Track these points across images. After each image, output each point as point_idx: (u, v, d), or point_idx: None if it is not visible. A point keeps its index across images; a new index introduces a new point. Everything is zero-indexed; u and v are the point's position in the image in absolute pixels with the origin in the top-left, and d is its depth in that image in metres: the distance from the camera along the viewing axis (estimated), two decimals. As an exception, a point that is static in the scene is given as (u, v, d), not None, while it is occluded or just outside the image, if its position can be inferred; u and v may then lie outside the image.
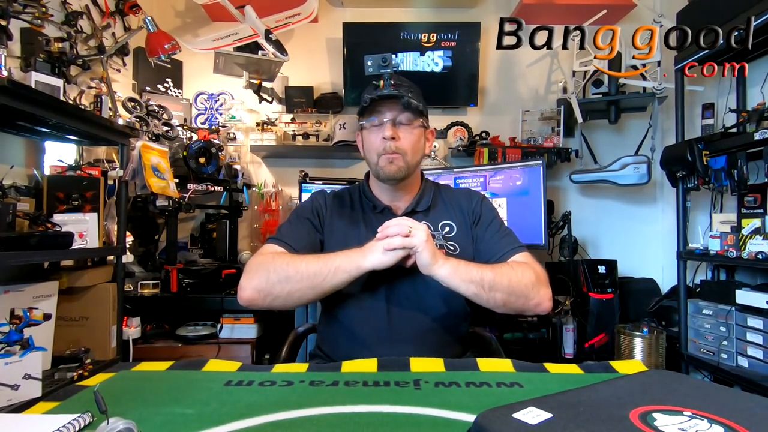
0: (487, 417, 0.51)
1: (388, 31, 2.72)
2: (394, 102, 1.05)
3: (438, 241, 1.10)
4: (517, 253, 1.07)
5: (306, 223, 1.11)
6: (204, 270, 2.23)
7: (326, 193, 1.19)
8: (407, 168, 1.08)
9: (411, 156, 1.07)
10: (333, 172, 2.79)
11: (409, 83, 1.09)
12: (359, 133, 1.14)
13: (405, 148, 1.06)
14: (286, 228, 1.11)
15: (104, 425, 0.52)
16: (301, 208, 1.15)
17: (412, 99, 1.04)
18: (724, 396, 0.57)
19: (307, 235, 1.08)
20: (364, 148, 1.13)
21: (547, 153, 2.50)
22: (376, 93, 1.04)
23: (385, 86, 1.03)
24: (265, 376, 0.78)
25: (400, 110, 1.05)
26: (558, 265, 2.44)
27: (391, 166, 1.06)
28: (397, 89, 1.03)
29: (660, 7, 2.66)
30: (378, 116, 1.06)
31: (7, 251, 1.26)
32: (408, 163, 1.07)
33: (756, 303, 1.79)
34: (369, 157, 1.11)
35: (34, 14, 1.63)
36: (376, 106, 1.06)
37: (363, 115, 1.09)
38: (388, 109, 1.05)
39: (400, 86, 1.05)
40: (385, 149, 1.05)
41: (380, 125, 1.07)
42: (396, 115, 1.06)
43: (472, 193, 1.20)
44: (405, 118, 1.06)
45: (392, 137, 1.04)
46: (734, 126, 1.99)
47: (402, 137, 1.06)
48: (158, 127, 2.19)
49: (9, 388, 1.23)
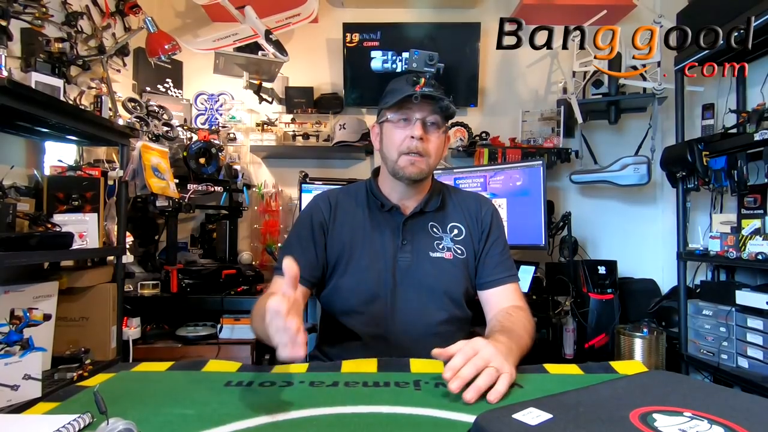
0: (487, 417, 0.51)
1: (388, 31, 2.72)
2: (428, 102, 1.01)
3: (446, 243, 1.09)
4: (512, 282, 1.08)
5: (304, 242, 1.08)
6: (204, 270, 2.23)
7: (329, 194, 1.15)
8: (428, 170, 1.06)
9: (434, 159, 1.05)
10: (333, 172, 2.79)
11: (441, 86, 1.06)
12: (377, 125, 1.10)
13: (430, 150, 1.04)
14: (285, 253, 1.07)
15: (104, 425, 0.52)
16: (300, 223, 1.11)
17: (451, 105, 1.02)
18: (724, 397, 0.57)
19: (306, 258, 1.05)
20: (383, 141, 1.08)
21: (547, 153, 2.50)
22: (416, 90, 0.99)
23: (426, 86, 1.00)
24: (265, 376, 0.78)
25: (430, 111, 1.02)
26: (558, 266, 2.44)
27: (413, 168, 1.03)
28: (435, 90, 1.00)
29: (660, 7, 2.66)
30: (408, 113, 1.03)
31: (7, 251, 1.26)
32: (429, 165, 1.05)
33: (756, 303, 1.79)
34: (388, 153, 1.06)
35: (34, 14, 1.63)
36: (407, 102, 1.01)
37: (390, 107, 1.03)
38: (419, 108, 1.02)
39: (437, 88, 1.01)
40: (409, 148, 1.02)
41: (408, 122, 1.03)
42: (426, 116, 1.02)
43: (483, 201, 1.17)
44: (435, 120, 1.04)
45: (421, 138, 1.01)
46: (734, 126, 1.99)
47: (430, 139, 1.03)
48: (158, 128, 2.19)
49: (9, 389, 1.23)
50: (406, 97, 0.99)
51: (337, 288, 1.08)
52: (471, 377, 0.69)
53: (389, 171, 1.08)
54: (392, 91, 1.04)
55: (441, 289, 1.06)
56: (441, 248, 1.08)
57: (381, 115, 1.08)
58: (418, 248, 1.07)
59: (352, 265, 1.06)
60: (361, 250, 1.07)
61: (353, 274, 1.06)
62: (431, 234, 1.09)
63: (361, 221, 1.10)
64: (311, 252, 1.07)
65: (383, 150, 1.08)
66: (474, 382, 0.68)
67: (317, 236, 1.08)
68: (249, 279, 2.30)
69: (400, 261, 1.06)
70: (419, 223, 1.10)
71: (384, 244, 1.07)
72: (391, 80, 1.08)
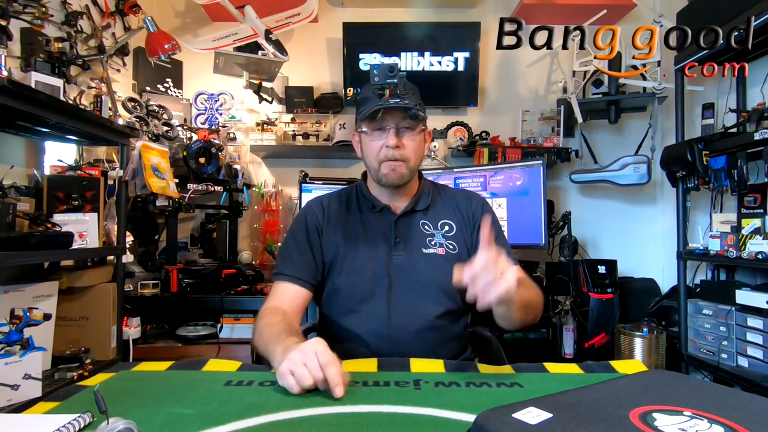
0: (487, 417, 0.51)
1: (388, 31, 2.72)
2: (398, 109, 1.03)
3: (438, 240, 1.10)
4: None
5: (301, 245, 1.10)
6: (204, 270, 2.23)
7: (321, 199, 1.18)
8: (410, 174, 1.08)
9: (414, 162, 1.07)
10: (333, 172, 2.79)
11: (411, 87, 1.07)
12: (356, 134, 1.12)
13: (409, 154, 1.06)
14: (284, 258, 1.10)
15: (104, 425, 0.52)
16: (295, 228, 1.14)
17: (419, 110, 1.03)
18: (724, 396, 0.57)
19: (305, 260, 1.08)
20: (363, 151, 1.11)
21: (547, 153, 2.50)
22: (382, 103, 1.01)
23: (391, 96, 1.01)
24: (265, 376, 0.78)
25: (402, 118, 1.04)
26: (558, 265, 2.44)
27: (394, 174, 1.05)
28: (401, 98, 1.01)
29: (660, 7, 2.66)
30: (381, 122, 1.04)
31: (7, 251, 1.26)
32: (411, 168, 1.07)
33: (756, 303, 1.79)
34: (369, 163, 1.09)
35: (34, 14, 1.63)
36: (377, 113, 1.03)
37: (363, 119, 1.06)
38: (391, 116, 1.04)
39: (405, 95, 1.02)
40: (387, 157, 1.04)
41: (382, 131, 1.05)
42: (399, 122, 1.04)
43: (473, 196, 1.19)
44: (408, 124, 1.05)
45: (396, 146, 1.03)
46: (734, 126, 1.99)
47: (406, 144, 1.05)
48: (158, 127, 2.19)
49: (9, 388, 1.23)
50: (376, 110, 1.02)
51: (333, 289, 1.10)
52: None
53: (374, 179, 1.11)
54: (363, 101, 1.07)
55: (435, 284, 1.07)
56: (433, 244, 1.10)
57: (357, 125, 1.10)
58: (411, 246, 1.09)
59: (346, 265, 1.09)
60: (355, 250, 1.09)
61: (348, 275, 1.08)
62: (423, 231, 1.11)
63: (354, 223, 1.12)
64: (309, 255, 1.09)
65: (365, 159, 1.11)
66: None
67: (313, 239, 1.11)
68: (249, 278, 2.30)
69: (395, 259, 1.08)
70: (410, 221, 1.12)
71: (377, 243, 1.09)
72: (363, 87, 1.10)
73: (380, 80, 0.98)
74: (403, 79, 1.01)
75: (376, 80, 0.99)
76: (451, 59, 2.68)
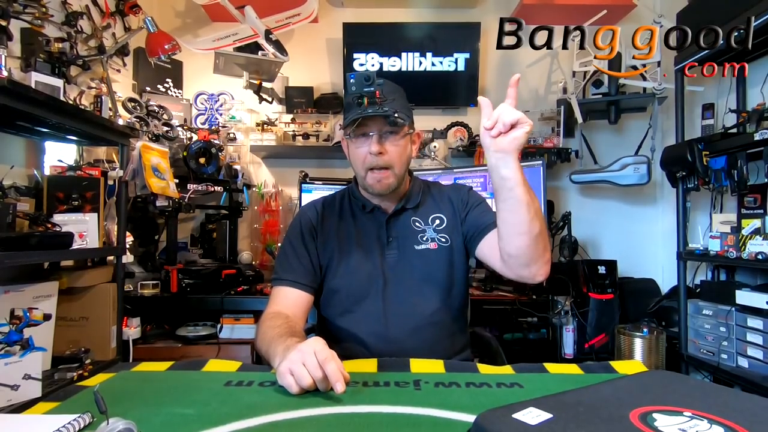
0: (487, 417, 0.51)
1: (388, 31, 2.72)
2: (379, 116, 1.02)
3: (429, 235, 1.11)
4: None
5: (298, 249, 1.11)
6: (204, 270, 2.23)
7: (314, 203, 1.19)
8: (397, 182, 1.08)
9: (399, 168, 1.07)
10: (333, 172, 2.79)
11: (393, 90, 1.06)
12: (344, 140, 1.12)
13: (393, 160, 1.05)
14: (282, 263, 1.11)
15: (104, 425, 0.52)
16: (291, 233, 1.15)
17: (398, 117, 1.02)
18: (724, 396, 0.57)
19: (303, 264, 1.09)
20: (350, 157, 1.12)
21: (547, 153, 2.50)
22: (361, 112, 1.00)
23: (369, 104, 1.00)
24: (265, 376, 0.78)
25: (383, 124, 1.03)
26: (558, 266, 2.43)
27: (380, 185, 1.06)
28: (381, 105, 1.00)
29: (660, 7, 2.66)
30: (363, 129, 1.04)
31: (7, 251, 1.26)
32: (397, 175, 1.07)
33: (756, 303, 1.79)
34: (356, 168, 1.10)
35: (34, 14, 1.63)
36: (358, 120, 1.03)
37: (346, 127, 1.06)
38: (373, 122, 1.03)
39: (385, 101, 1.01)
40: (371, 164, 1.04)
41: (365, 137, 1.05)
42: (381, 128, 1.04)
43: (460, 186, 1.21)
44: (391, 129, 1.05)
45: (379, 152, 1.03)
46: (734, 126, 1.99)
47: (389, 149, 1.05)
48: (158, 128, 2.19)
49: (9, 389, 1.22)
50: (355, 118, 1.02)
51: (329, 291, 1.11)
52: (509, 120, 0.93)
53: (361, 187, 1.12)
54: (347, 107, 1.07)
55: (430, 279, 1.08)
56: (425, 240, 1.11)
57: (344, 131, 1.10)
58: (403, 244, 1.10)
59: (341, 267, 1.10)
60: (349, 252, 1.10)
61: (343, 276, 1.09)
62: (414, 228, 1.12)
63: (347, 225, 1.14)
64: (306, 259, 1.10)
65: (352, 164, 1.12)
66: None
67: (308, 243, 1.12)
68: (249, 279, 2.30)
69: (388, 258, 1.09)
70: (402, 219, 1.13)
71: (370, 244, 1.11)
72: (345, 94, 1.10)
73: (357, 90, 0.97)
74: (382, 86, 0.99)
75: (353, 89, 0.98)
76: (452, 59, 2.68)
